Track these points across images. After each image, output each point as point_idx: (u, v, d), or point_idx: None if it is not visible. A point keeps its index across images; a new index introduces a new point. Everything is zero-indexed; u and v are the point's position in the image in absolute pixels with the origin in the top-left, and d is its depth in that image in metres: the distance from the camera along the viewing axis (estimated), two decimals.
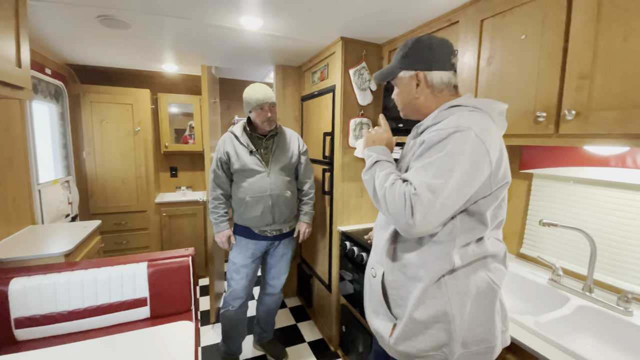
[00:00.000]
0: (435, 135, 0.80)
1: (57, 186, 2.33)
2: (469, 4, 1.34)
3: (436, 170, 0.76)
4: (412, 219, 0.76)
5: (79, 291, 1.51)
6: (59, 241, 1.74)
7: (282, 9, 1.50)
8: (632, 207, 1.15)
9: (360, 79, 1.93)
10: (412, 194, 0.76)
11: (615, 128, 0.91)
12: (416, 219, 0.75)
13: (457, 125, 0.78)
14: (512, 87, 1.18)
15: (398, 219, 0.79)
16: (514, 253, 1.58)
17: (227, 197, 1.89)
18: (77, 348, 1.09)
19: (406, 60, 0.94)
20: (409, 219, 0.76)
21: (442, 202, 0.75)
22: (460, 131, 0.77)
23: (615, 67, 0.90)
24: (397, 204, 0.78)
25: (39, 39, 1.93)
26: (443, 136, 0.79)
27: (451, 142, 0.77)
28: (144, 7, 1.48)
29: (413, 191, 0.76)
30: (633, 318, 1.04)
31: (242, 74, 3.10)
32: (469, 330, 0.81)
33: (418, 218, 0.75)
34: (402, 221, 0.77)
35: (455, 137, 0.77)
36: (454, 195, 0.75)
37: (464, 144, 0.76)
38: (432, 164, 0.77)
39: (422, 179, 0.77)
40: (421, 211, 0.75)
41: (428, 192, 0.75)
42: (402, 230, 0.80)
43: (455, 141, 0.76)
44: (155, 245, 3.01)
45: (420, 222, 0.75)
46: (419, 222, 0.75)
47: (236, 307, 1.91)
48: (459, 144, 0.76)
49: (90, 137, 2.73)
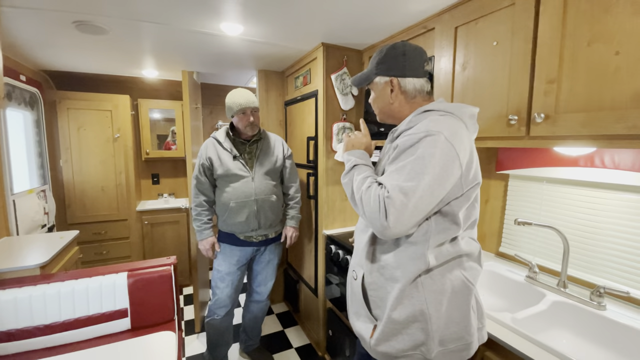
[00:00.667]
0: (407, 140, 0.83)
1: (32, 196, 2.25)
2: (444, 12, 1.38)
3: (408, 173, 0.79)
4: (386, 221, 0.78)
5: (55, 304, 1.46)
6: (35, 253, 1.68)
7: (263, 15, 1.51)
8: (601, 204, 1.20)
9: (342, 84, 1.95)
10: (385, 197, 0.79)
11: (581, 130, 0.95)
12: (390, 220, 0.77)
13: (428, 130, 0.81)
14: (485, 91, 1.22)
15: (373, 222, 0.81)
16: (493, 252, 1.63)
17: (210, 204, 1.86)
18: None
19: (381, 67, 0.97)
20: (383, 221, 0.78)
21: (414, 203, 0.77)
22: (430, 135, 0.80)
23: (580, 72, 0.95)
24: (372, 206, 0.81)
25: (13, 45, 1.88)
26: (414, 140, 0.81)
27: (422, 146, 0.80)
28: (121, 12, 1.46)
29: (386, 194, 0.79)
30: (606, 312, 1.09)
31: (224, 79, 3.09)
32: (446, 329, 0.83)
33: (392, 220, 0.77)
34: (377, 223, 0.80)
35: (426, 141, 0.80)
36: (426, 196, 0.78)
37: (434, 148, 0.79)
38: (404, 167, 0.80)
39: (395, 182, 0.79)
40: (394, 213, 0.77)
41: (400, 195, 0.77)
42: (378, 232, 0.82)
43: (426, 145, 0.79)
44: (137, 254, 2.93)
45: (394, 224, 0.77)
46: (392, 223, 0.78)
47: (221, 316, 1.88)
48: (429, 148, 0.79)
49: (67, 144, 2.65)
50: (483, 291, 1.44)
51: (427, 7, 1.38)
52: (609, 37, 0.88)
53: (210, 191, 1.84)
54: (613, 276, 1.18)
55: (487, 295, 1.43)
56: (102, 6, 1.40)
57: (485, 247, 1.67)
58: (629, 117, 0.85)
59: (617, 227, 1.16)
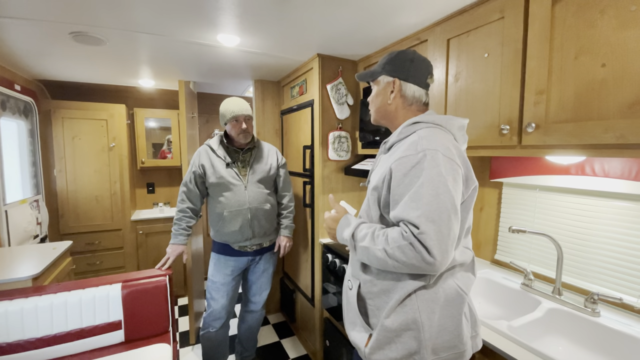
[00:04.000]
0: (405, 163, 0.83)
1: (24, 206, 2.23)
2: (436, 24, 1.42)
3: (425, 199, 0.77)
4: (431, 257, 0.74)
5: (47, 317, 1.44)
6: (26, 264, 1.65)
7: (259, 27, 1.53)
8: (593, 212, 1.22)
9: (338, 93, 1.98)
10: (417, 234, 0.75)
11: (570, 139, 0.97)
12: (435, 254, 0.74)
13: (424, 149, 0.81)
14: (478, 102, 1.25)
15: (418, 265, 0.76)
16: (489, 259, 1.64)
17: (194, 212, 1.84)
18: None
19: (388, 67, 0.99)
20: (428, 258, 0.74)
21: (447, 226, 0.75)
22: (428, 155, 0.80)
23: (568, 83, 0.98)
24: (408, 253, 0.77)
25: (8, 54, 1.88)
26: (414, 163, 0.81)
27: (425, 167, 0.79)
28: (118, 24, 1.47)
29: (416, 231, 0.76)
30: (600, 319, 1.10)
31: (221, 89, 3.11)
32: (438, 337, 0.83)
33: (436, 253, 0.74)
34: (422, 264, 0.76)
35: (426, 161, 0.80)
36: (453, 214, 0.77)
37: (438, 166, 0.79)
38: (418, 194, 0.78)
39: (416, 213, 0.77)
40: (435, 245, 0.74)
41: (431, 224, 0.75)
42: (426, 271, 0.78)
43: (428, 165, 0.79)
44: (131, 264, 2.90)
45: (440, 256, 0.74)
46: (438, 256, 0.74)
47: (217, 328, 1.86)
48: (433, 168, 0.79)
49: (62, 154, 2.64)
50: (479, 299, 1.45)
51: (418, 20, 1.41)
52: (595, 50, 0.91)
53: (198, 200, 1.83)
54: (606, 283, 1.20)
55: (484, 303, 1.44)
56: (99, 17, 1.41)
57: (481, 255, 1.68)
58: (617, 127, 0.87)
59: (609, 234, 1.18)
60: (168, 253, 1.78)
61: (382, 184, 0.90)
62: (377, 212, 0.94)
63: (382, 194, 0.91)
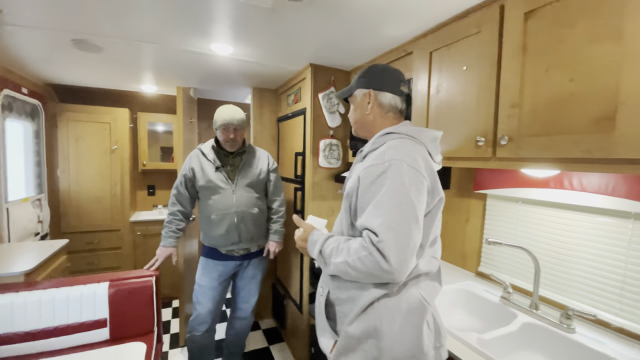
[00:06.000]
0: (371, 172, 0.85)
1: (26, 204, 2.30)
2: (420, 37, 1.44)
3: (386, 207, 0.79)
4: (387, 265, 0.75)
5: (36, 311, 1.48)
6: (21, 260, 1.71)
7: (251, 37, 1.58)
8: (571, 226, 1.21)
9: (329, 102, 2.01)
10: (376, 242, 0.77)
11: (542, 153, 0.98)
12: (392, 262, 0.75)
13: (389, 159, 0.84)
14: (457, 114, 1.26)
15: (376, 272, 0.77)
16: (473, 271, 1.63)
17: (184, 215, 1.89)
18: None
19: (362, 80, 1.04)
20: (385, 266, 0.75)
21: (407, 234, 0.77)
22: (393, 165, 0.83)
23: (540, 96, 0.98)
24: (366, 260, 0.78)
25: (17, 60, 1.97)
26: (379, 172, 0.84)
27: (389, 177, 0.82)
28: (115, 32, 1.54)
29: (375, 239, 0.77)
30: (575, 335, 1.08)
31: (222, 95, 3.18)
32: (398, 346, 0.83)
33: (393, 261, 0.75)
34: (380, 272, 0.77)
35: (391, 171, 0.82)
36: (414, 223, 0.78)
37: (402, 176, 0.81)
38: (380, 203, 0.80)
39: (377, 221, 0.78)
40: (393, 254, 0.75)
41: (390, 232, 0.76)
42: (384, 280, 0.79)
43: (392, 175, 0.82)
44: (127, 265, 2.95)
45: (397, 263, 0.75)
46: (395, 264, 0.75)
47: (202, 332, 1.87)
48: (397, 177, 0.81)
49: (66, 155, 2.73)
50: (459, 311, 1.44)
51: (403, 32, 1.44)
52: (564, 65, 0.92)
53: (188, 203, 1.87)
54: (584, 298, 1.18)
55: (464, 315, 1.43)
56: (97, 26, 1.48)
57: (466, 267, 1.67)
58: (584, 141, 0.88)
59: (587, 249, 1.17)
60: (157, 255, 1.83)
61: (353, 192, 0.93)
62: (348, 220, 0.96)
63: (352, 202, 0.93)
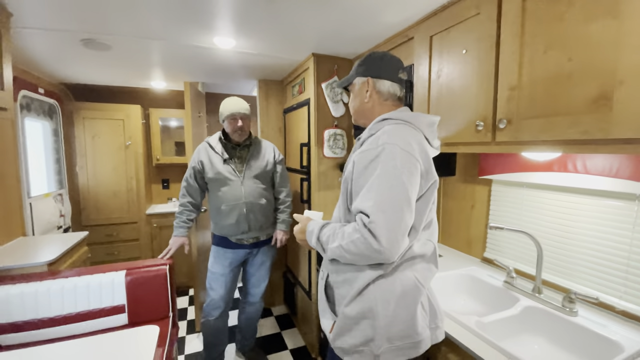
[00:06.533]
0: (365, 156, 0.87)
1: (48, 199, 2.43)
2: (421, 21, 1.42)
3: (378, 190, 0.81)
4: (378, 244, 0.77)
5: (59, 299, 1.58)
6: (45, 251, 1.81)
7: (252, 29, 1.60)
8: (575, 209, 1.20)
9: (333, 92, 2.01)
10: (368, 223, 0.79)
11: (541, 135, 0.96)
12: (382, 242, 0.77)
13: (383, 143, 0.85)
14: (457, 98, 1.25)
15: (368, 253, 0.80)
16: (479, 257, 1.63)
17: (194, 206, 1.95)
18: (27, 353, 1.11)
19: (360, 69, 1.05)
20: (376, 246, 0.77)
21: (398, 216, 0.79)
22: (386, 148, 0.84)
23: (538, 78, 0.97)
24: (359, 241, 0.80)
25: (32, 61, 2.06)
26: (372, 156, 0.86)
27: (382, 160, 0.83)
28: (120, 30, 1.59)
29: (367, 220, 0.79)
30: (577, 318, 1.08)
31: (229, 89, 3.22)
32: (393, 326, 0.86)
33: (384, 241, 0.77)
34: (372, 253, 0.79)
35: (384, 155, 0.84)
36: (406, 205, 0.80)
37: (394, 159, 0.83)
38: (373, 186, 0.82)
39: (369, 203, 0.80)
40: (384, 233, 0.77)
41: (381, 213, 0.78)
42: (377, 260, 0.82)
43: (385, 158, 0.83)
44: (145, 255, 3.08)
45: (388, 244, 0.77)
46: (386, 244, 0.77)
47: (215, 317, 1.95)
48: (389, 160, 0.83)
49: (83, 152, 2.84)
50: (463, 296, 1.45)
51: (403, 17, 1.42)
52: (562, 44, 0.90)
53: (198, 195, 1.93)
54: (589, 282, 1.17)
55: (468, 299, 1.44)
56: (104, 25, 1.53)
57: (472, 253, 1.67)
58: (581, 122, 0.86)
59: (591, 232, 1.15)
60: (170, 244, 1.90)
61: (349, 177, 0.95)
62: (345, 205, 0.99)
63: (348, 187, 0.96)
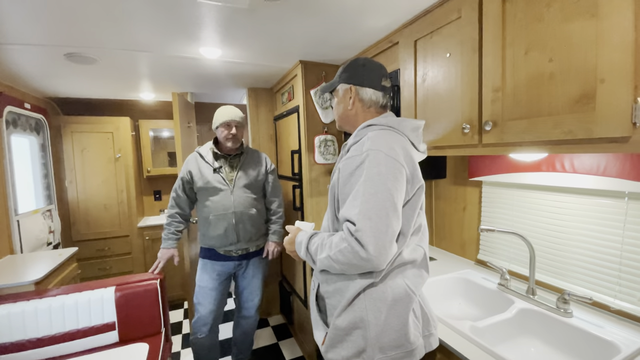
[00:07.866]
0: (349, 163, 0.87)
1: (37, 216, 2.39)
2: (404, 26, 1.43)
3: (363, 197, 0.80)
4: (365, 253, 0.76)
5: (46, 318, 1.54)
6: (32, 270, 1.78)
7: (236, 39, 1.59)
8: (565, 209, 1.19)
9: (321, 98, 2.01)
10: (354, 231, 0.78)
11: (525, 136, 0.96)
12: (369, 250, 0.76)
13: (367, 150, 0.84)
14: (443, 102, 1.25)
15: (356, 262, 0.78)
16: (473, 259, 1.61)
17: (183, 217, 1.92)
18: None
19: (343, 75, 1.05)
20: (363, 254, 0.76)
21: (385, 223, 0.77)
22: (370, 155, 0.83)
23: (521, 80, 0.97)
24: (346, 250, 0.79)
25: (17, 76, 2.03)
26: (357, 163, 0.85)
27: (366, 167, 0.83)
28: (105, 43, 1.57)
29: (353, 228, 0.78)
30: (572, 319, 1.07)
31: (219, 98, 3.21)
32: (384, 336, 0.84)
33: (371, 249, 0.76)
34: (359, 261, 0.78)
35: (368, 161, 0.83)
36: (391, 211, 0.79)
37: (378, 165, 0.82)
38: (358, 193, 0.81)
39: (354, 211, 0.79)
40: (371, 241, 0.76)
41: (367, 221, 0.77)
42: (365, 269, 0.81)
43: (369, 165, 0.83)
44: (138, 269, 3.03)
45: (375, 251, 0.76)
46: (373, 251, 0.76)
47: (205, 334, 1.89)
48: (374, 167, 0.82)
49: (72, 166, 2.81)
50: (459, 300, 1.43)
51: (386, 23, 1.43)
52: (543, 45, 0.90)
53: (186, 206, 1.90)
54: (583, 282, 1.16)
55: (463, 303, 1.42)
56: (87, 39, 1.51)
57: (466, 255, 1.66)
58: (565, 122, 0.86)
59: (582, 231, 1.15)
60: (159, 257, 1.86)
61: (336, 184, 0.94)
62: (332, 213, 0.97)
63: (335, 195, 0.95)
